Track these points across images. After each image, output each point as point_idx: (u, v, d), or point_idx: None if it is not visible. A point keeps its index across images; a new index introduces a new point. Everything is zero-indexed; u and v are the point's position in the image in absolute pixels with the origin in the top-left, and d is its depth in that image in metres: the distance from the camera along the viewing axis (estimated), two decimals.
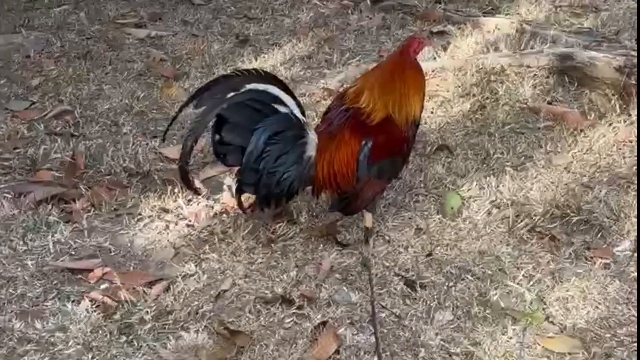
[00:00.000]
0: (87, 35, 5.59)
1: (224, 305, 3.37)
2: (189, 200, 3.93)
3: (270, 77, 3.36)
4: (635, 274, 3.52)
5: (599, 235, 3.77)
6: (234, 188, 3.52)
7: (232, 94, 3.27)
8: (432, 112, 4.70)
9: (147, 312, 3.32)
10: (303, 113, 3.41)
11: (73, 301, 3.38)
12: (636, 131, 4.33)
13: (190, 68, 5.14)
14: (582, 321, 3.30)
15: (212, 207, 3.89)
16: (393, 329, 3.27)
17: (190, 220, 3.79)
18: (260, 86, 3.30)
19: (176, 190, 3.94)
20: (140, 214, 3.87)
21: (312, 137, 3.40)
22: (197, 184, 3.88)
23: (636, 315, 3.32)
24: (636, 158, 4.16)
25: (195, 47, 5.36)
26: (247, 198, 3.67)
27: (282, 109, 3.34)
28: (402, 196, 3.97)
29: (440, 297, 3.40)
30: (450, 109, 4.71)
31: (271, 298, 3.37)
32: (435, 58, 5.21)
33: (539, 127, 4.54)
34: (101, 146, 4.35)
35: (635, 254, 3.60)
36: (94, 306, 3.34)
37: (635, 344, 3.16)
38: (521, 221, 3.81)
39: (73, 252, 3.67)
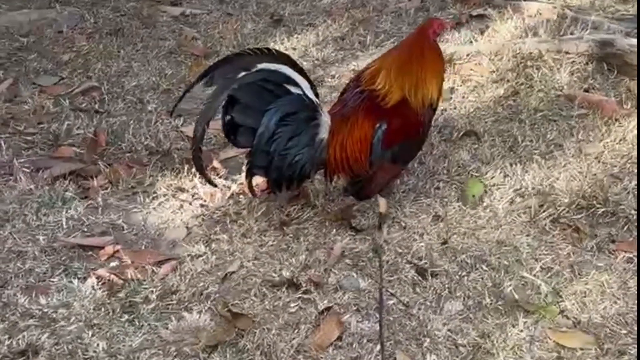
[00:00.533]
0: (122, 12, 5.57)
1: (230, 287, 3.32)
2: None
3: (283, 57, 3.29)
4: None
5: (625, 228, 3.64)
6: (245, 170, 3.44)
7: (243, 73, 3.20)
8: (463, 97, 4.58)
9: (153, 291, 3.29)
10: (316, 94, 3.33)
11: (79, 278, 3.35)
12: None
13: (221, 47, 5.09)
14: (598, 316, 3.18)
15: (229, 188, 3.83)
16: (400, 318, 3.19)
17: (205, 201, 3.74)
18: (272, 66, 3.23)
19: (194, 169, 3.88)
20: (155, 193, 3.83)
21: (325, 119, 3.32)
22: (216, 164, 3.81)
23: None
24: None
25: (228, 26, 5.31)
26: (261, 181, 3.59)
27: (294, 90, 3.27)
28: (423, 182, 3.87)
29: (451, 286, 3.31)
30: (482, 94, 4.59)
31: (278, 281, 3.31)
32: (471, 42, 5.07)
33: (573, 115, 4.39)
34: (124, 123, 4.32)
35: None
36: (99, 284, 3.31)
37: None
38: (544, 211, 3.69)
39: (85, 229, 3.64)
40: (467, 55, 4.94)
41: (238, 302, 3.23)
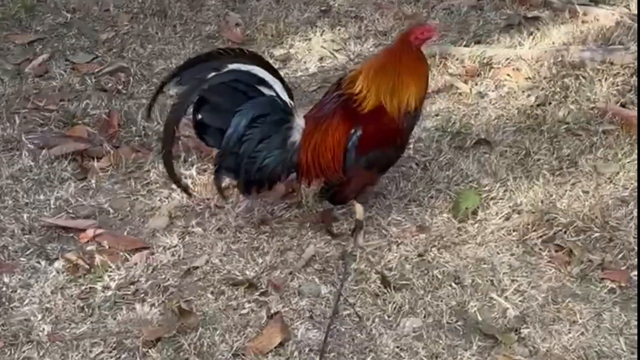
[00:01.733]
0: None
1: (191, 282, 3.31)
2: (204, 170, 3.86)
3: (255, 58, 3.23)
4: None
5: (619, 256, 3.46)
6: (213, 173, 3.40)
7: (213, 73, 3.15)
8: (491, 103, 4.42)
9: (115, 279, 3.28)
10: (291, 96, 3.25)
11: (49, 260, 3.38)
12: None
13: (259, 35, 5.04)
14: (559, 347, 3.05)
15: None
16: (351, 329, 3.12)
17: (193, 191, 3.71)
18: (244, 67, 3.17)
19: (191, 159, 3.88)
20: (148, 179, 3.82)
21: (299, 122, 3.26)
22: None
23: (624, 349, 3.02)
24: None
25: (273, 14, 5.25)
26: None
27: (267, 91, 3.21)
28: (420, 189, 3.77)
29: (414, 301, 3.22)
30: (511, 101, 4.43)
31: (239, 281, 3.29)
32: (516, 46, 4.89)
33: (599, 130, 4.17)
34: (141, 107, 4.35)
35: None
36: (65, 267, 3.32)
37: None
38: (537, 230, 3.53)
39: (71, 211, 3.67)
40: (507, 59, 4.76)
41: (193, 299, 3.21)
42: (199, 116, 3.19)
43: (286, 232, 3.53)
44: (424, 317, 3.17)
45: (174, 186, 3.77)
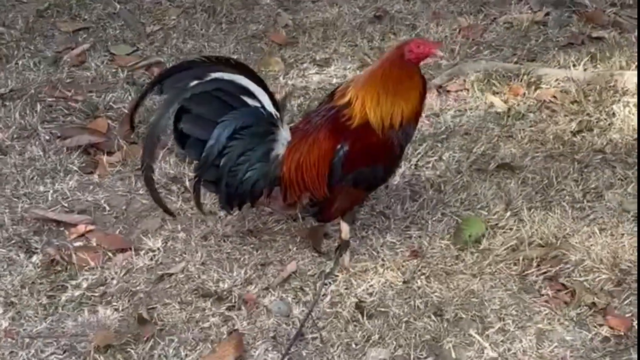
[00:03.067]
0: None
1: (162, 289, 3.20)
2: None
3: (240, 67, 3.09)
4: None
5: (626, 302, 3.19)
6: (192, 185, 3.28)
7: (195, 82, 3.03)
8: (528, 126, 4.18)
9: (88, 279, 3.22)
10: (278, 108, 3.11)
11: (29, 252, 3.33)
12: None
13: (303, 37, 4.90)
14: None
15: None
16: (313, 354, 2.97)
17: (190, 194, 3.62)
18: (228, 76, 3.04)
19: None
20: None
21: (284, 135, 3.11)
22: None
23: None
24: None
25: (324, 16, 5.11)
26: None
27: (251, 102, 3.07)
28: (427, 211, 3.58)
29: (386, 331, 3.04)
30: (550, 126, 4.17)
31: (209, 292, 3.17)
32: (571, 66, 4.62)
33: (637, 162, 3.88)
34: None
35: None
36: (43, 262, 3.27)
37: None
38: (540, 266, 3.30)
39: (67, 205, 3.62)
40: (556, 80, 4.49)
41: (158, 307, 3.12)
42: (180, 126, 3.07)
43: (273, 245, 3.39)
44: (394, 349, 2.99)
45: (174, 187, 3.68)
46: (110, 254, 3.37)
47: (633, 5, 5.26)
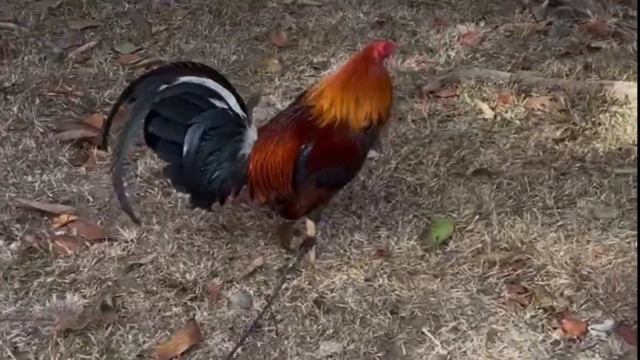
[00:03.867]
0: None
1: (130, 278, 3.31)
2: None
3: (207, 70, 3.20)
4: None
5: (584, 306, 3.24)
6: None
7: (164, 86, 3.15)
8: (512, 132, 4.24)
9: (62, 267, 3.35)
10: (244, 109, 3.22)
11: (9, 239, 3.47)
12: None
13: (304, 41, 5.01)
14: None
15: None
16: (267, 346, 3.06)
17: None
18: (195, 79, 3.16)
19: None
20: (135, 173, 3.87)
21: (251, 135, 3.22)
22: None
23: None
24: None
25: (327, 21, 5.21)
26: None
27: (219, 103, 3.18)
28: (399, 212, 3.66)
29: (340, 326, 3.12)
30: (535, 133, 4.23)
31: (174, 282, 3.28)
32: (564, 75, 4.67)
33: (615, 172, 3.93)
34: None
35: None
36: (21, 249, 3.40)
37: None
38: (502, 269, 3.37)
39: (52, 195, 3.75)
40: (547, 88, 4.55)
41: (124, 295, 3.23)
42: (149, 129, 3.19)
43: (244, 240, 3.49)
44: (347, 343, 3.07)
45: (157, 182, 3.80)
46: (87, 244, 3.46)
47: (635, 17, 5.27)
